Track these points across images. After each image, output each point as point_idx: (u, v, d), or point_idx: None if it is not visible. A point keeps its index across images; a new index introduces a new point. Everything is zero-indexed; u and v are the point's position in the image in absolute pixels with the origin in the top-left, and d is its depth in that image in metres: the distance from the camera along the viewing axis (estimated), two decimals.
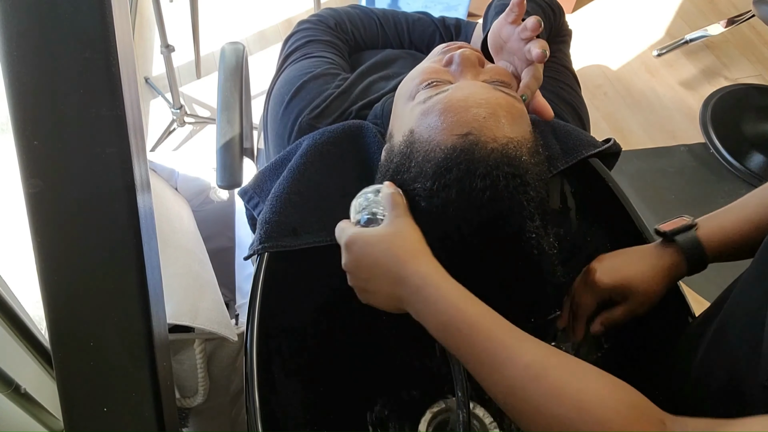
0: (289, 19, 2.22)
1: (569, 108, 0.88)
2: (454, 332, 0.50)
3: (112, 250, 0.46)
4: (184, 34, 1.92)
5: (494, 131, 0.57)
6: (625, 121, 1.98)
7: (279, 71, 0.90)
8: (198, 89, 2.00)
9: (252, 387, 0.59)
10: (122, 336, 0.46)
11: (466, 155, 0.56)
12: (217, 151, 0.96)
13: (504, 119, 0.58)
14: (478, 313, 0.50)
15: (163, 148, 1.83)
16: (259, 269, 0.67)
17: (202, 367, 0.88)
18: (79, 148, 0.44)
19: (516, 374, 0.46)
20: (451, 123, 0.58)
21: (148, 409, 0.47)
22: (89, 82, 0.44)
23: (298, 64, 0.88)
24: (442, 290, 0.51)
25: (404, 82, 0.69)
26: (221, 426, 1.04)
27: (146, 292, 0.46)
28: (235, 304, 1.10)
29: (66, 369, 0.46)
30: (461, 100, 0.59)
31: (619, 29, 2.25)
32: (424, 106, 0.62)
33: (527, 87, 0.65)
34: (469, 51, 0.66)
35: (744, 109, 1.98)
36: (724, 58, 2.16)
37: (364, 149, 0.74)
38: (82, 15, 0.43)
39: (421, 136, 0.60)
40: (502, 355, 0.47)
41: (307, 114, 0.80)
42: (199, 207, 1.23)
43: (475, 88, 0.61)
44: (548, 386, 0.45)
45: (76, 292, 0.45)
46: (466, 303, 0.51)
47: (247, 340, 0.62)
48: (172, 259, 0.90)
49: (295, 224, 0.68)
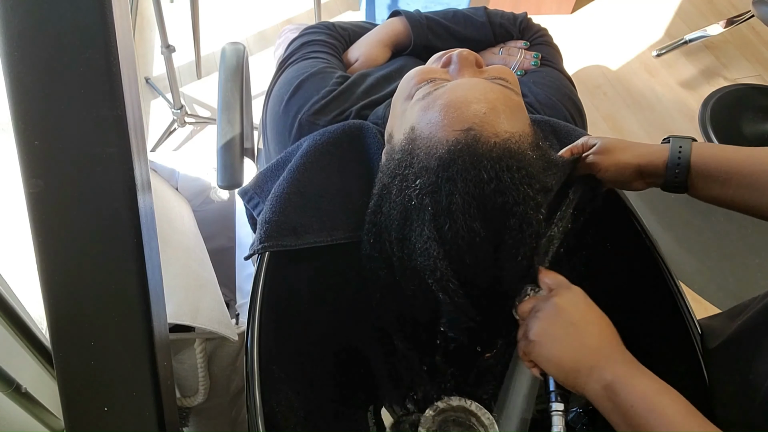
0: (289, 19, 2.22)
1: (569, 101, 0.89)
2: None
3: (112, 250, 0.46)
4: (185, 34, 1.92)
5: (495, 126, 0.58)
6: (624, 121, 1.98)
7: (278, 73, 0.90)
8: (198, 89, 2.00)
9: (253, 386, 0.59)
10: (123, 335, 0.46)
11: (469, 149, 0.56)
12: (218, 151, 0.96)
13: (504, 114, 0.59)
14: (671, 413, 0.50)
15: (163, 148, 1.83)
16: (259, 269, 0.67)
17: (202, 367, 0.88)
18: (80, 148, 0.44)
19: None
20: (452, 119, 0.59)
21: (149, 409, 0.47)
22: (90, 82, 0.44)
23: (296, 65, 0.88)
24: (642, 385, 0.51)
25: (401, 84, 0.70)
26: (221, 425, 1.04)
27: (147, 291, 0.46)
28: (235, 303, 1.10)
29: (66, 368, 0.46)
30: (461, 96, 0.60)
31: (619, 30, 2.25)
32: (423, 102, 0.62)
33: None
34: (467, 52, 0.67)
35: (743, 110, 1.98)
36: (724, 58, 2.16)
37: (364, 149, 0.74)
38: (82, 15, 0.43)
39: (422, 132, 0.61)
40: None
41: (307, 111, 0.80)
42: (199, 207, 1.23)
43: (473, 82, 0.62)
44: None
45: (76, 292, 0.45)
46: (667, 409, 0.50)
47: (248, 340, 0.62)
48: (173, 259, 0.90)
49: (296, 224, 0.68)
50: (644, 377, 0.52)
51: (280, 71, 0.90)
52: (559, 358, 0.55)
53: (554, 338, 0.56)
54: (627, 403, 0.51)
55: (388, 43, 0.95)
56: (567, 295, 0.58)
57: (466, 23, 0.96)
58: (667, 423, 0.49)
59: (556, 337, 0.56)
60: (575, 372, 0.54)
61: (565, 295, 0.58)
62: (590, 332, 0.55)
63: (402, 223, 0.60)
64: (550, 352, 0.56)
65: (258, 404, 0.58)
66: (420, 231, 0.58)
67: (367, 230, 0.65)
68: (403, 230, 0.60)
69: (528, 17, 1.00)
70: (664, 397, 0.51)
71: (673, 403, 0.50)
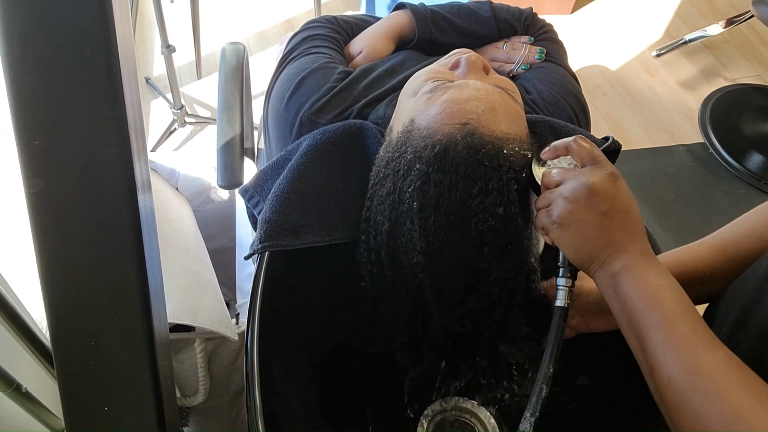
0: (289, 19, 2.22)
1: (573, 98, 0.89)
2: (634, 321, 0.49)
3: (113, 250, 0.46)
4: (185, 34, 1.92)
5: (491, 125, 0.59)
6: (624, 121, 1.98)
7: (279, 69, 0.90)
8: (199, 89, 2.00)
9: (253, 386, 0.59)
10: (123, 335, 0.46)
11: (462, 143, 0.57)
12: (218, 150, 0.96)
13: (501, 116, 0.60)
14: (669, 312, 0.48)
15: (163, 148, 1.83)
16: (259, 269, 0.67)
17: (202, 367, 0.88)
18: (80, 148, 0.44)
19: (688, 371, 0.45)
20: (451, 113, 0.60)
21: (149, 408, 0.47)
22: (90, 82, 0.44)
23: (297, 61, 0.88)
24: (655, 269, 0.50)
25: (410, 81, 0.71)
26: (222, 425, 1.04)
27: (147, 291, 0.46)
28: (235, 303, 1.10)
29: (67, 368, 0.46)
30: (462, 93, 0.62)
31: (619, 29, 2.25)
32: (426, 97, 0.64)
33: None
34: (476, 56, 0.68)
35: (743, 109, 1.98)
36: (723, 58, 2.16)
37: (364, 149, 0.74)
38: (82, 15, 0.43)
39: (421, 124, 0.62)
40: (690, 349, 0.46)
41: (308, 109, 0.80)
42: (199, 207, 1.23)
43: (477, 84, 0.64)
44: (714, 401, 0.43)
45: (77, 292, 0.46)
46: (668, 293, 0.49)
47: (248, 340, 0.62)
48: (173, 259, 0.90)
49: (295, 224, 0.68)
50: (652, 271, 0.50)
51: (282, 67, 0.89)
52: (580, 246, 0.52)
53: (581, 226, 0.52)
54: (627, 295, 0.49)
55: (392, 36, 0.95)
56: (602, 176, 0.53)
57: (471, 18, 0.96)
58: (661, 320, 0.47)
59: (583, 225, 0.52)
60: (590, 260, 0.52)
61: (600, 176, 0.52)
62: (619, 226, 0.51)
63: (391, 214, 0.61)
64: (573, 239, 0.53)
65: (258, 404, 0.58)
66: (405, 222, 0.59)
67: (363, 228, 0.65)
68: (392, 220, 0.61)
69: (534, 12, 1.00)
70: (666, 294, 0.48)
71: (674, 301, 0.48)
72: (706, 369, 0.45)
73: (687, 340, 0.46)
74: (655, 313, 0.48)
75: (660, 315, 0.48)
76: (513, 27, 0.98)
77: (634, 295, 0.49)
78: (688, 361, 0.46)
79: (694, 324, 0.47)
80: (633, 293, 0.49)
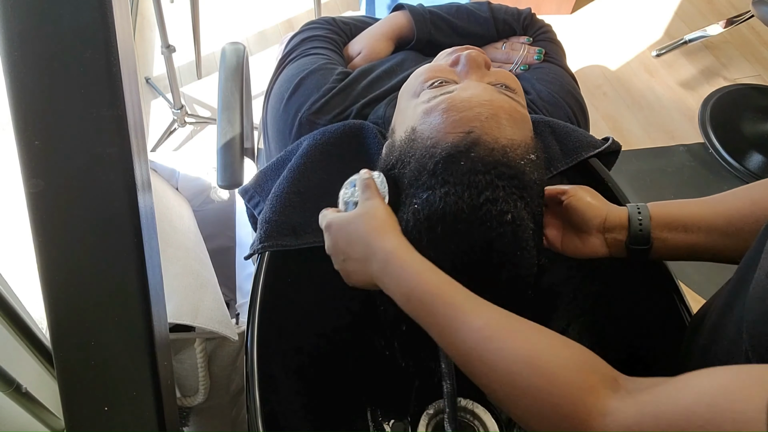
0: (289, 19, 2.22)
1: (572, 99, 0.89)
2: (416, 303, 0.51)
3: (113, 250, 0.46)
4: (185, 34, 1.92)
5: (495, 132, 0.58)
6: (624, 121, 1.98)
7: (278, 70, 0.90)
8: (199, 89, 2.00)
9: (252, 386, 0.59)
10: (123, 335, 0.46)
11: (466, 153, 0.56)
12: (218, 151, 0.96)
13: (506, 121, 0.59)
14: (438, 282, 0.51)
15: (163, 148, 1.83)
16: (259, 269, 0.67)
17: (202, 367, 0.88)
18: (80, 147, 0.44)
19: (471, 336, 0.48)
20: (454, 121, 0.59)
21: (149, 408, 0.47)
22: (90, 82, 0.44)
23: (296, 62, 0.88)
24: (406, 263, 0.53)
25: (410, 79, 0.70)
26: (221, 425, 1.04)
27: (147, 291, 0.47)
28: (235, 303, 1.10)
29: (67, 368, 0.46)
30: (465, 100, 0.60)
31: (619, 30, 2.25)
32: (427, 105, 0.62)
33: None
34: (476, 53, 0.67)
35: (743, 109, 1.98)
36: (723, 58, 2.16)
37: (364, 149, 0.74)
38: (82, 15, 0.43)
39: (423, 133, 0.61)
40: (459, 319, 0.49)
41: (307, 109, 0.80)
42: (199, 207, 1.23)
43: (479, 89, 0.62)
44: (500, 345, 0.46)
45: (77, 292, 0.46)
46: (427, 274, 0.52)
47: (248, 340, 0.62)
48: (173, 259, 0.90)
49: (295, 224, 0.68)
50: (415, 254, 0.54)
51: (281, 68, 0.89)
52: (357, 281, 0.59)
53: (344, 274, 0.60)
54: (401, 290, 0.53)
55: (391, 37, 0.95)
56: (326, 242, 0.61)
57: (469, 18, 0.96)
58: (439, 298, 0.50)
59: (345, 273, 0.60)
60: (371, 283, 0.56)
61: (326, 242, 0.61)
62: (357, 260, 0.57)
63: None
64: (351, 281, 0.60)
65: (258, 404, 0.58)
66: (413, 231, 0.58)
67: None
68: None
69: (532, 13, 1.00)
70: (429, 275, 0.52)
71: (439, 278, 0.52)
72: (494, 323, 0.48)
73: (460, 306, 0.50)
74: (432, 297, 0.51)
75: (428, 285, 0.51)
76: (512, 27, 0.98)
77: (409, 278, 0.53)
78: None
79: (464, 292, 0.51)
80: (405, 276, 0.53)
